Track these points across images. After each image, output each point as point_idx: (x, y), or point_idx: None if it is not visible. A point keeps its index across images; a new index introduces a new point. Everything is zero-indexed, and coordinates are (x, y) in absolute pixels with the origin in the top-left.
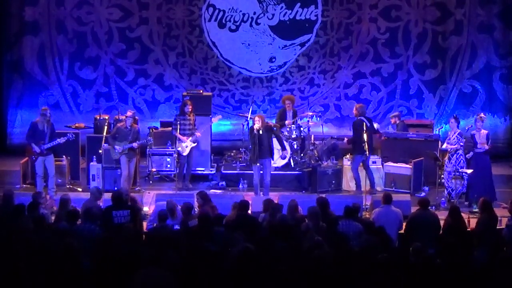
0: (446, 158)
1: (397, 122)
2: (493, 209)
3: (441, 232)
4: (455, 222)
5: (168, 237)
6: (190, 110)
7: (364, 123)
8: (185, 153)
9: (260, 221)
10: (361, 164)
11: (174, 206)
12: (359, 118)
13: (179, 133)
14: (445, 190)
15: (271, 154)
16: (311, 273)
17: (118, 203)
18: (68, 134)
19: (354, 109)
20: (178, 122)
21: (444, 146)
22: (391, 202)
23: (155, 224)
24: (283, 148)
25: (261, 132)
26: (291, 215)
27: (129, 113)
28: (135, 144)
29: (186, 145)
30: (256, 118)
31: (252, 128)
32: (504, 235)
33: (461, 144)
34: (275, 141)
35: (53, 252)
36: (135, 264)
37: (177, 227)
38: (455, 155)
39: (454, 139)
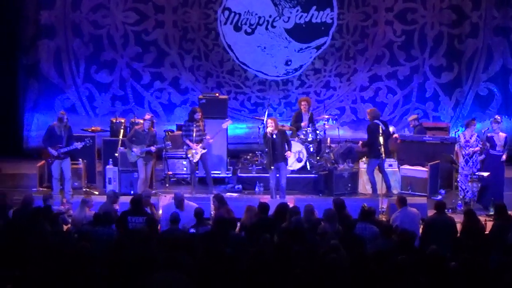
0: (462, 161)
1: (416, 124)
2: (508, 213)
3: (458, 235)
4: (472, 224)
5: (181, 240)
6: (200, 117)
7: (380, 126)
8: (195, 160)
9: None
10: (377, 167)
11: (182, 197)
12: (373, 121)
13: (188, 140)
14: (460, 193)
15: (285, 158)
16: (327, 277)
17: (136, 209)
18: (85, 140)
19: (367, 114)
20: (189, 129)
21: (468, 150)
22: (407, 204)
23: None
24: (289, 149)
25: (274, 136)
26: (307, 218)
27: (147, 116)
28: (153, 148)
29: (195, 152)
30: (269, 122)
31: (265, 133)
32: None
33: (480, 146)
34: (292, 144)
35: (67, 255)
36: (149, 268)
37: (192, 230)
38: (472, 158)
39: (474, 141)
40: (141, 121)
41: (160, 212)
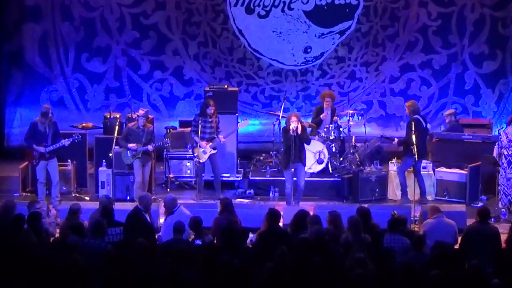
0: (504, 163)
1: (452, 120)
2: None
3: (502, 247)
4: None
5: (186, 252)
6: (212, 111)
7: (419, 122)
8: (202, 160)
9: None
10: (411, 169)
11: (172, 202)
12: (414, 116)
13: (196, 136)
14: (502, 200)
15: (304, 159)
16: None
17: (109, 219)
18: (74, 135)
19: (407, 108)
20: (199, 124)
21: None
22: (442, 213)
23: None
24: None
25: (296, 133)
26: (331, 228)
27: (140, 112)
28: (150, 147)
29: (203, 151)
30: (293, 118)
31: (287, 128)
32: None
33: None
34: (312, 143)
35: (59, 269)
36: (150, 283)
37: (198, 242)
38: None
39: None
40: (136, 116)
41: (162, 220)
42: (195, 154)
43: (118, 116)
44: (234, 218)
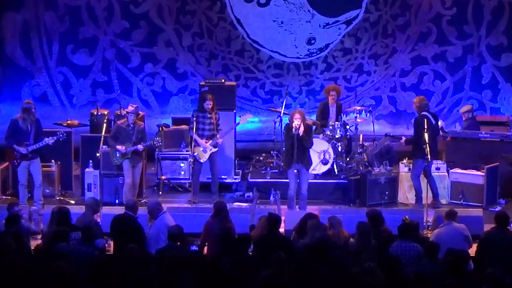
0: None
1: (468, 117)
2: None
3: None
4: None
5: (181, 259)
6: (210, 106)
7: (428, 120)
8: (202, 160)
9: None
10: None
11: (156, 206)
12: (421, 113)
13: (195, 134)
14: None
15: (308, 160)
16: None
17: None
18: (58, 133)
19: (414, 104)
20: (196, 120)
21: None
22: (455, 219)
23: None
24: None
25: (300, 132)
26: (335, 232)
27: (130, 108)
28: (140, 146)
29: (203, 149)
30: (296, 115)
31: (289, 126)
32: None
33: None
34: (315, 142)
35: (41, 279)
36: None
37: (194, 248)
38: None
39: None
40: (125, 113)
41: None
42: (195, 154)
43: (106, 112)
44: (228, 224)
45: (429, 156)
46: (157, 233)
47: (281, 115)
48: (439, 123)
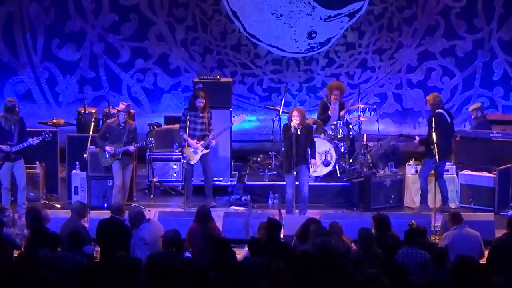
0: None
1: (478, 116)
2: None
3: None
4: None
5: (175, 267)
6: (202, 104)
7: (443, 118)
8: (192, 162)
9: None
10: (432, 172)
11: (139, 214)
12: (437, 111)
13: (186, 134)
14: None
15: (308, 161)
16: None
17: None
18: (43, 133)
19: (427, 102)
20: (187, 120)
21: None
22: (463, 222)
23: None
24: (313, 155)
25: (299, 132)
26: (337, 239)
27: (121, 106)
28: (131, 147)
29: (194, 151)
30: (294, 113)
31: (287, 126)
32: None
33: None
34: (317, 142)
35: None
36: None
37: (188, 254)
38: None
39: None
40: (115, 111)
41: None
42: (185, 155)
43: (94, 111)
44: (212, 230)
45: (437, 157)
46: (133, 244)
47: (280, 113)
48: None
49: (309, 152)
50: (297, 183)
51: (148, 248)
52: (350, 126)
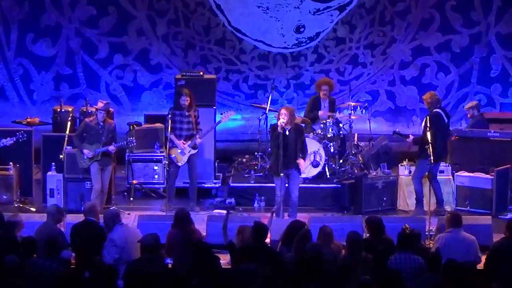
0: None
1: (474, 114)
2: None
3: None
4: None
5: (155, 274)
6: (187, 103)
7: (440, 117)
8: (180, 163)
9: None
10: (426, 174)
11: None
12: (434, 110)
13: (173, 134)
14: None
15: (298, 164)
16: None
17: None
18: (17, 134)
19: (424, 101)
20: (172, 119)
21: None
22: (462, 225)
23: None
24: (303, 158)
25: (287, 132)
26: (326, 244)
27: (100, 104)
28: (111, 147)
29: (181, 151)
30: (282, 111)
31: (275, 126)
32: None
33: None
34: (308, 142)
35: None
36: None
37: (168, 260)
38: None
39: None
40: (94, 110)
41: None
42: (172, 156)
43: (70, 109)
44: (191, 234)
45: (431, 158)
46: (104, 245)
47: (267, 112)
48: None
49: (301, 155)
50: (286, 184)
51: (116, 251)
52: (341, 125)
